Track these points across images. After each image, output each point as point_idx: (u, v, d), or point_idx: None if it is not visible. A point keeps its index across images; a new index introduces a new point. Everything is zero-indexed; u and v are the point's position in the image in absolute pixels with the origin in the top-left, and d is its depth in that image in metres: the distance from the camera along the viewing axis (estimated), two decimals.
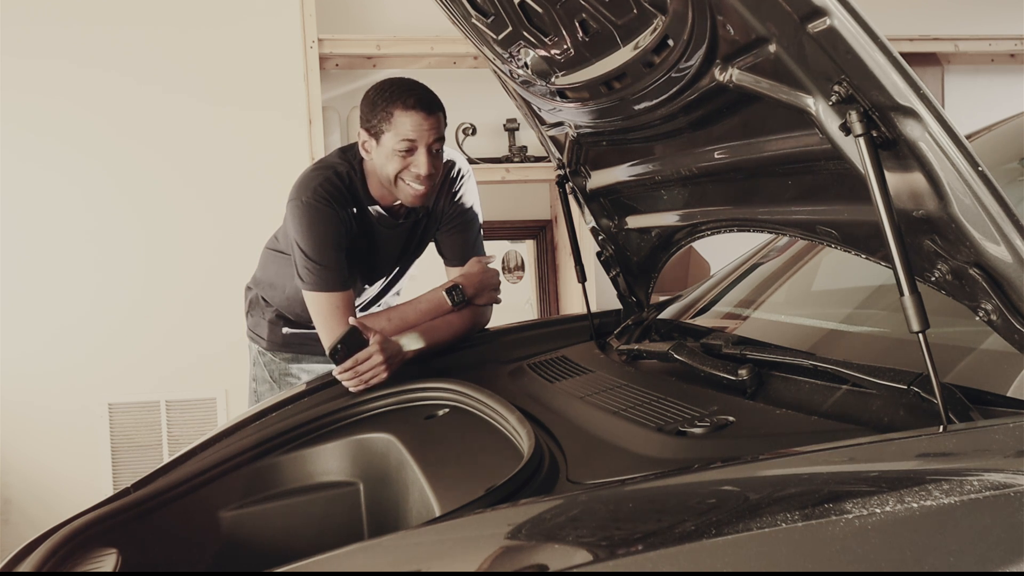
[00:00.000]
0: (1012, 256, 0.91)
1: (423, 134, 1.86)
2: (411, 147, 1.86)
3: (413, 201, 1.93)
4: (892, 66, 0.89)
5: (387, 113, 1.86)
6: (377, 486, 1.48)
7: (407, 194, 1.92)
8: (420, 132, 1.85)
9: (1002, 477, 0.77)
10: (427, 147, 1.87)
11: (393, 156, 1.87)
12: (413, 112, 1.84)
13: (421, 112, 1.85)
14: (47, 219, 3.31)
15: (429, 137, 1.87)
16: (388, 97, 1.86)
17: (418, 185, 1.90)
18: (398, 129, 1.85)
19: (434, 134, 1.87)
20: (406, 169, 1.88)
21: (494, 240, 3.70)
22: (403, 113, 1.85)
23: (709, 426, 1.15)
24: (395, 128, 1.85)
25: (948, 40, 3.84)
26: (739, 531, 0.71)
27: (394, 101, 1.85)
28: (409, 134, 1.85)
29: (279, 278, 2.22)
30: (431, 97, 1.88)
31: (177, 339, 3.36)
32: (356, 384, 1.72)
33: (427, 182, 1.90)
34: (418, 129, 1.85)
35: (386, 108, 1.86)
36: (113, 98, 3.31)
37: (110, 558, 1.18)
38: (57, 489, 3.27)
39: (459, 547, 0.83)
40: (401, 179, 1.90)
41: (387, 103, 1.86)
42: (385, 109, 1.86)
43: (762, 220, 1.41)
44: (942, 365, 0.97)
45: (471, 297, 1.97)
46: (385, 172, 1.91)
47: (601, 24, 1.21)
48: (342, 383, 1.74)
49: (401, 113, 1.85)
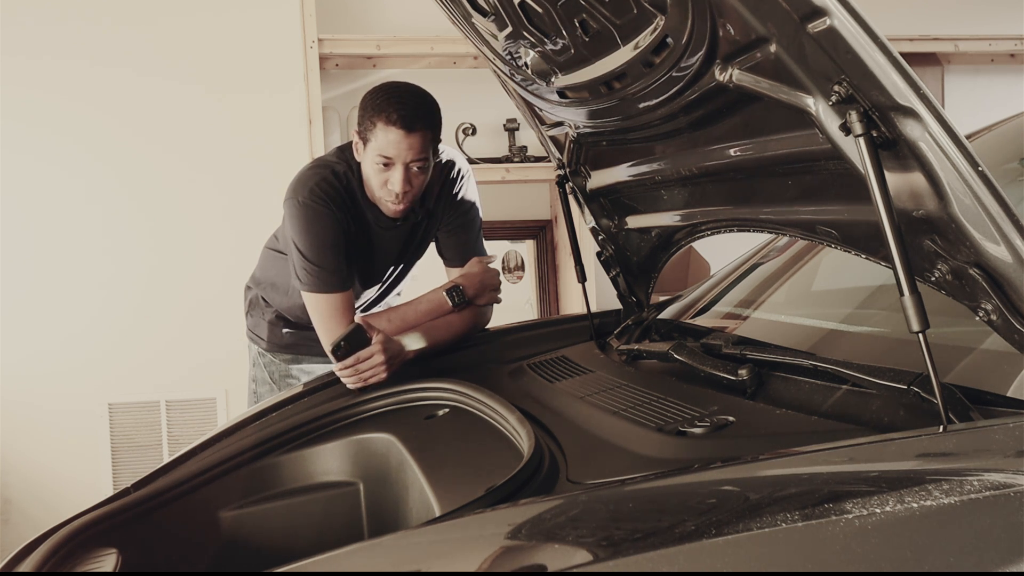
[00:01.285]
0: (1012, 256, 0.91)
1: (400, 152, 1.81)
2: (387, 162, 1.83)
3: (392, 213, 1.93)
4: (892, 66, 0.89)
5: (371, 123, 1.82)
6: (377, 486, 1.48)
7: (384, 206, 1.92)
8: (398, 150, 1.81)
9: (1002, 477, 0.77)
10: (404, 165, 1.83)
11: (373, 167, 1.86)
12: (392, 128, 1.79)
13: (400, 130, 1.79)
14: (48, 220, 3.31)
15: (407, 156, 1.82)
16: (375, 106, 1.82)
17: (393, 202, 1.89)
18: (377, 142, 1.82)
19: (412, 154, 1.82)
20: (384, 185, 1.87)
21: (494, 240, 3.69)
22: (383, 128, 1.80)
23: (709, 426, 1.15)
24: (375, 140, 1.82)
25: (948, 40, 3.83)
26: (739, 531, 0.71)
27: (379, 112, 1.80)
28: (386, 150, 1.81)
29: (279, 278, 2.21)
30: (417, 114, 1.81)
31: (177, 339, 3.36)
32: (355, 382, 1.72)
33: (403, 200, 1.88)
34: (395, 147, 1.81)
35: (371, 118, 1.82)
36: (112, 97, 3.32)
37: (110, 558, 1.17)
38: (57, 489, 3.27)
39: (459, 547, 0.83)
40: (379, 193, 1.90)
41: (373, 112, 1.82)
42: (370, 118, 1.82)
43: (762, 220, 1.41)
44: (942, 365, 0.97)
45: (471, 297, 1.97)
46: (368, 181, 1.91)
47: (601, 24, 1.21)
48: (342, 380, 1.74)
49: (382, 127, 1.80)
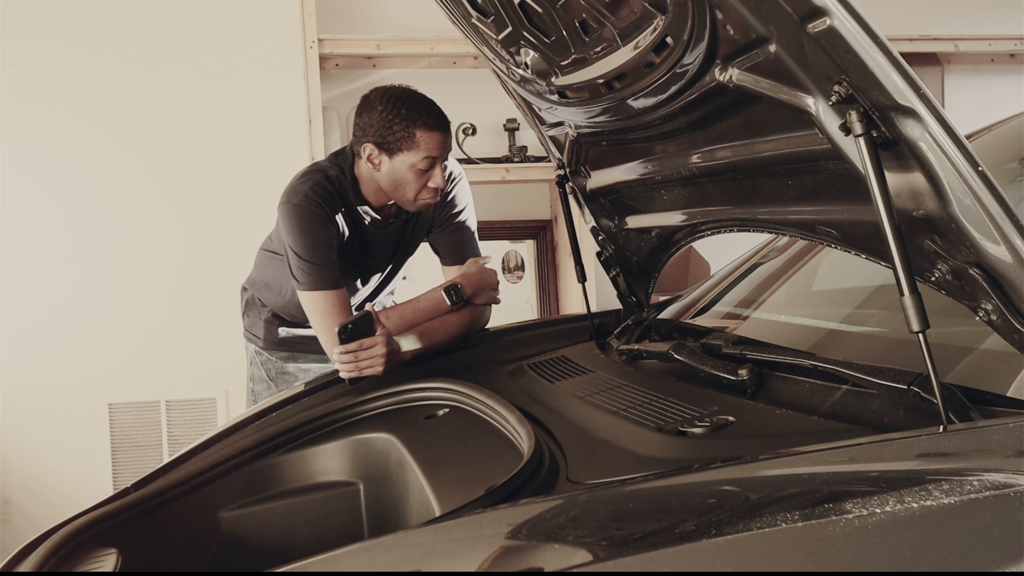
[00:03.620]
0: (1012, 256, 0.91)
1: (443, 152, 1.94)
2: (432, 163, 1.92)
3: (421, 208, 2.02)
4: (892, 66, 0.89)
5: (408, 132, 1.89)
6: (377, 486, 1.48)
7: (421, 203, 1.99)
8: (441, 150, 1.93)
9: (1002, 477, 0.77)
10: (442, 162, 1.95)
11: (409, 172, 1.92)
12: (435, 132, 1.91)
13: (440, 131, 1.92)
14: (48, 220, 3.31)
15: (445, 153, 1.96)
16: (408, 116, 1.89)
17: (433, 197, 1.98)
18: (421, 148, 1.90)
19: (448, 150, 1.96)
20: (424, 186, 1.95)
21: (494, 240, 3.70)
22: (427, 133, 1.90)
23: (709, 426, 1.15)
24: (418, 147, 1.90)
25: (948, 40, 3.84)
26: (739, 531, 0.71)
27: (415, 121, 1.89)
28: (433, 152, 1.91)
29: (275, 279, 2.23)
30: (443, 114, 1.94)
31: (178, 339, 3.37)
32: (351, 370, 1.73)
33: (439, 193, 2.00)
34: (439, 147, 1.92)
35: (407, 128, 1.89)
36: (112, 96, 3.32)
37: (110, 558, 1.17)
38: (57, 489, 3.27)
39: (459, 547, 0.83)
40: (420, 195, 1.97)
41: (407, 122, 1.89)
42: (406, 129, 1.89)
43: (762, 220, 1.41)
44: (942, 365, 0.97)
45: (470, 297, 1.98)
46: (398, 186, 1.95)
47: (601, 24, 1.21)
48: (338, 366, 1.74)
49: (425, 133, 1.90)
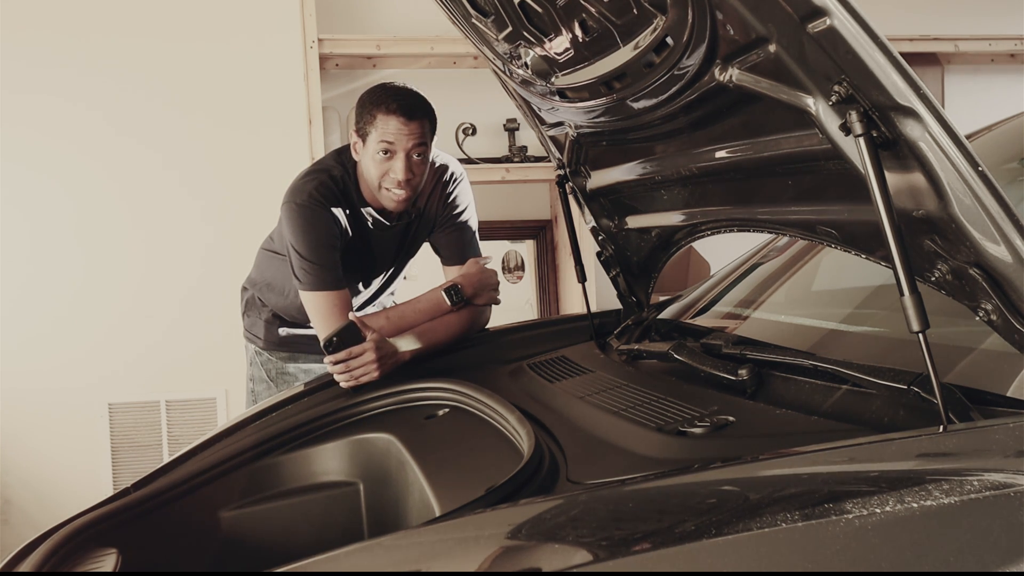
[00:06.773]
0: (1012, 256, 0.91)
1: (401, 139, 1.90)
2: (389, 150, 1.90)
3: (394, 206, 1.98)
4: (892, 66, 0.89)
5: (371, 116, 1.91)
6: (377, 486, 1.48)
7: (387, 199, 1.97)
8: (398, 136, 1.89)
9: (1002, 477, 0.77)
10: (405, 153, 1.91)
11: (374, 159, 1.92)
12: (393, 116, 1.89)
13: (401, 116, 1.89)
14: (48, 220, 3.31)
15: (407, 142, 1.90)
16: (374, 100, 1.91)
17: (397, 191, 1.94)
18: (378, 131, 1.90)
19: (413, 140, 1.90)
20: (386, 175, 1.93)
21: (494, 240, 3.69)
22: (384, 116, 1.89)
23: (709, 426, 1.15)
24: (376, 130, 1.90)
25: (948, 40, 3.84)
26: (739, 531, 0.71)
27: (378, 104, 1.90)
28: (387, 136, 1.90)
29: (275, 279, 2.23)
30: (416, 103, 1.91)
31: (177, 339, 3.36)
32: (347, 379, 1.73)
33: (406, 187, 1.94)
34: (396, 133, 1.89)
35: (371, 111, 1.91)
36: (112, 96, 3.31)
37: (110, 558, 1.17)
38: (57, 489, 3.27)
39: (459, 547, 0.83)
40: (382, 184, 1.95)
41: (372, 106, 1.91)
42: (370, 112, 1.91)
43: (762, 220, 1.41)
44: (942, 365, 0.97)
45: (470, 297, 1.98)
46: (369, 176, 1.95)
47: (601, 24, 1.21)
48: (333, 376, 1.74)
49: (382, 116, 1.90)
